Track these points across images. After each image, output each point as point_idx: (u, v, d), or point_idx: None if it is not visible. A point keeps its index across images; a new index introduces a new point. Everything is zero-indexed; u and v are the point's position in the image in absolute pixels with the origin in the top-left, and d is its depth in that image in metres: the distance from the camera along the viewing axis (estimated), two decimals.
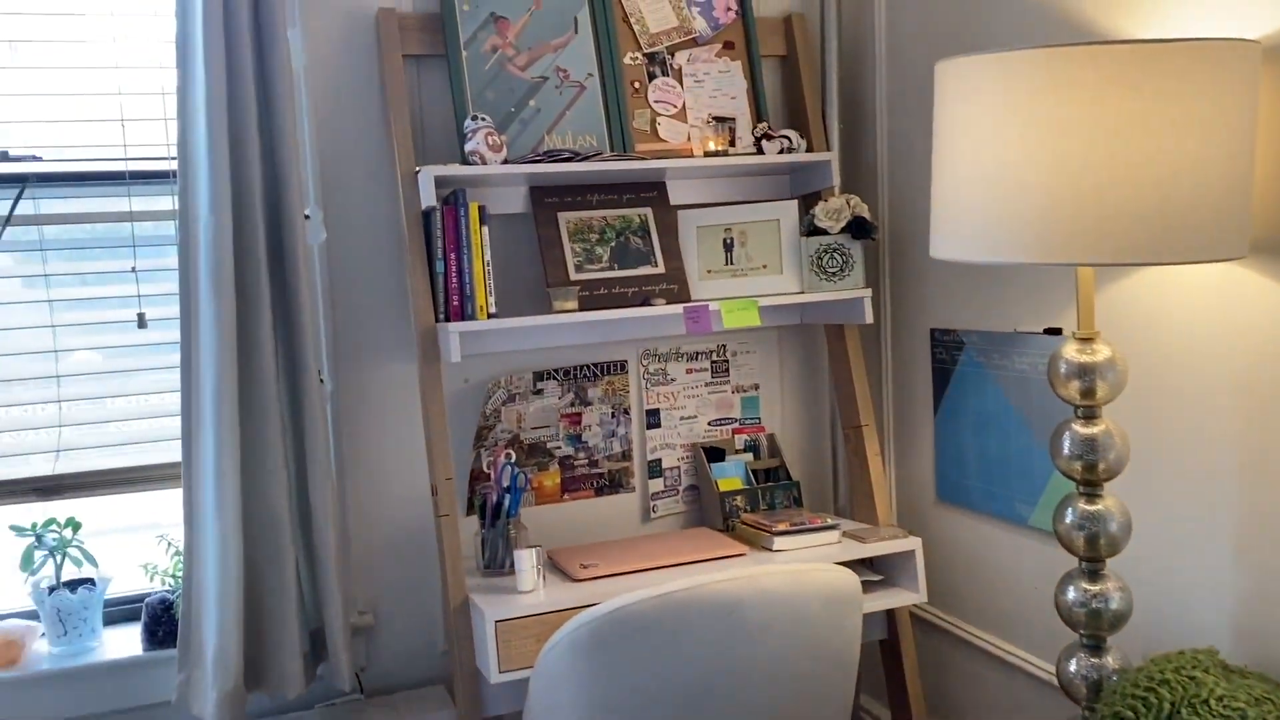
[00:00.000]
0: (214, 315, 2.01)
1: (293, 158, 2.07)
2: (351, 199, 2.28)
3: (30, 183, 2.16)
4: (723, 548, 2.27)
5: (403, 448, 2.35)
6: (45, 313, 2.19)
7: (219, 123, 1.99)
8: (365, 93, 2.27)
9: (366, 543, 2.34)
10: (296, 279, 2.09)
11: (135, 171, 2.20)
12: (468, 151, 2.16)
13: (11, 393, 2.19)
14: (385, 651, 2.37)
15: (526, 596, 2.08)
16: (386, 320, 2.33)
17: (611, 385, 2.48)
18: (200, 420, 2.05)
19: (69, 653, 2.15)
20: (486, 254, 2.15)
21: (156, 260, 2.24)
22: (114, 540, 2.29)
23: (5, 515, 2.19)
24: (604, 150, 2.32)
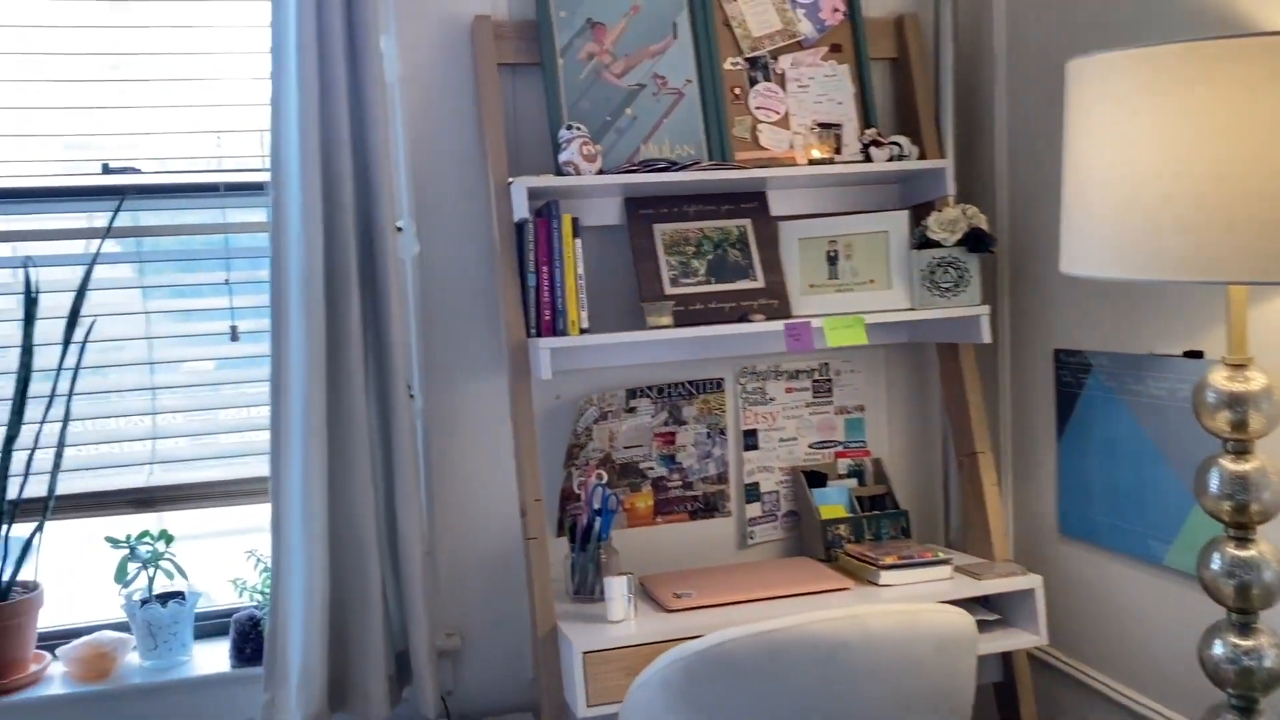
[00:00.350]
0: (304, 329, 1.98)
1: (384, 169, 2.02)
2: (444, 211, 2.23)
3: (129, 195, 2.16)
4: (824, 580, 2.14)
5: (493, 465, 2.28)
6: (142, 324, 2.19)
7: (310, 134, 1.96)
8: (459, 103, 2.22)
9: (455, 562, 2.28)
10: (387, 292, 2.04)
11: (230, 184, 2.19)
12: (562, 162, 2.09)
13: (109, 404, 2.20)
14: (472, 676, 2.30)
15: (617, 627, 1.98)
16: (478, 335, 2.27)
17: (707, 404, 2.37)
18: (289, 435, 2.01)
19: (159, 667, 2.14)
20: (579, 267, 2.07)
21: (251, 273, 2.22)
22: (206, 551, 2.28)
23: (101, 526, 2.20)
24: (702, 159, 2.22)
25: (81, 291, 2.09)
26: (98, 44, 2.14)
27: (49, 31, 2.12)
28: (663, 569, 2.35)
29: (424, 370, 2.24)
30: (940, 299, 2.20)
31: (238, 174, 2.20)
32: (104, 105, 2.16)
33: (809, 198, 2.37)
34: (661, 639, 1.94)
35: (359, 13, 2.01)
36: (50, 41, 2.13)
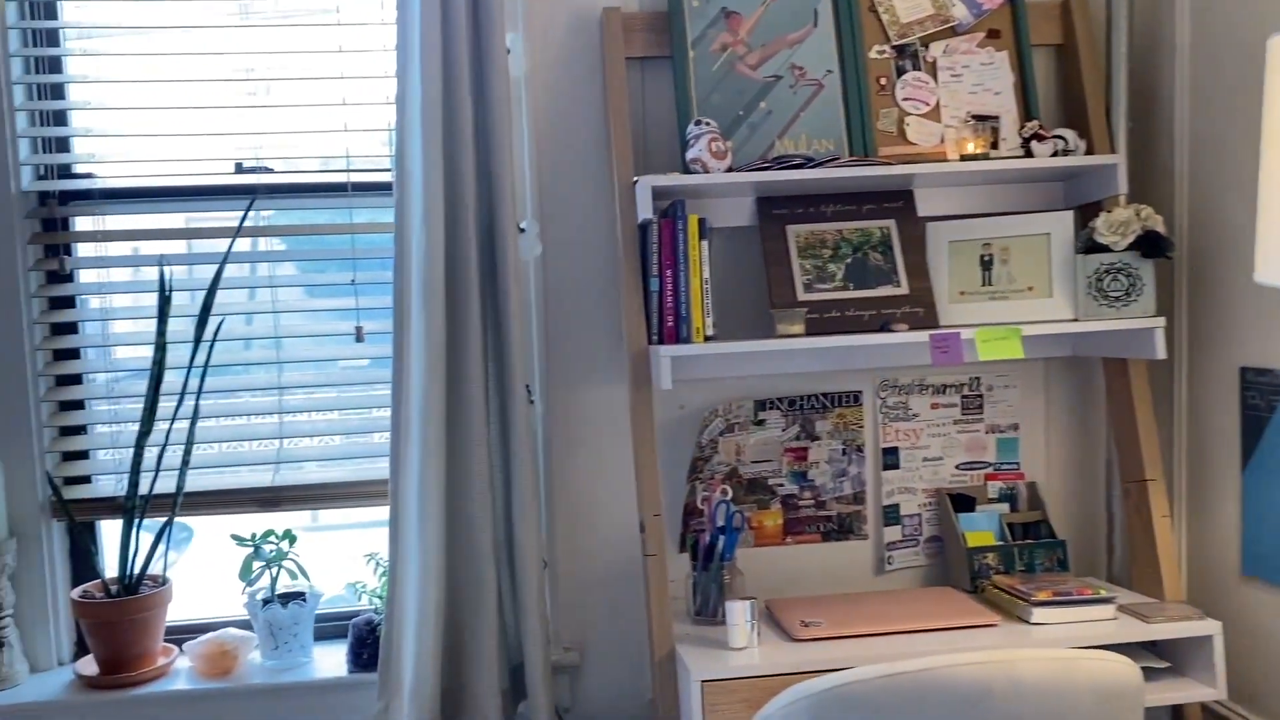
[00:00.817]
0: (424, 331, 1.93)
1: (508, 168, 1.96)
2: (568, 211, 2.15)
3: (260, 194, 2.17)
4: (969, 614, 1.96)
5: (614, 475, 2.19)
6: (270, 323, 2.20)
7: (433, 132, 1.91)
8: (585, 99, 2.14)
9: (574, 575, 2.20)
10: (508, 295, 1.97)
11: (358, 183, 2.17)
12: (689, 159, 1.98)
13: (237, 402, 2.21)
14: (590, 693, 2.22)
15: (739, 655, 1.86)
16: (601, 340, 2.18)
17: (843, 419, 2.21)
18: (408, 438, 1.97)
19: (279, 667, 2.13)
20: (705, 271, 1.96)
21: (377, 274, 2.20)
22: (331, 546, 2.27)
23: (228, 524, 2.21)
24: (842, 155, 2.07)
25: (213, 290, 2.10)
26: (232, 43, 2.15)
27: (185, 33, 2.15)
28: (790, 593, 2.21)
29: (544, 375, 2.16)
30: (1108, 309, 1.98)
31: (366, 174, 2.17)
32: (238, 105, 2.17)
33: (961, 197, 2.19)
34: (786, 671, 1.80)
35: (485, 9, 1.94)
36: (186, 42, 2.15)
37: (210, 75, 2.15)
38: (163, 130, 2.15)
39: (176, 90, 2.16)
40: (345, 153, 2.16)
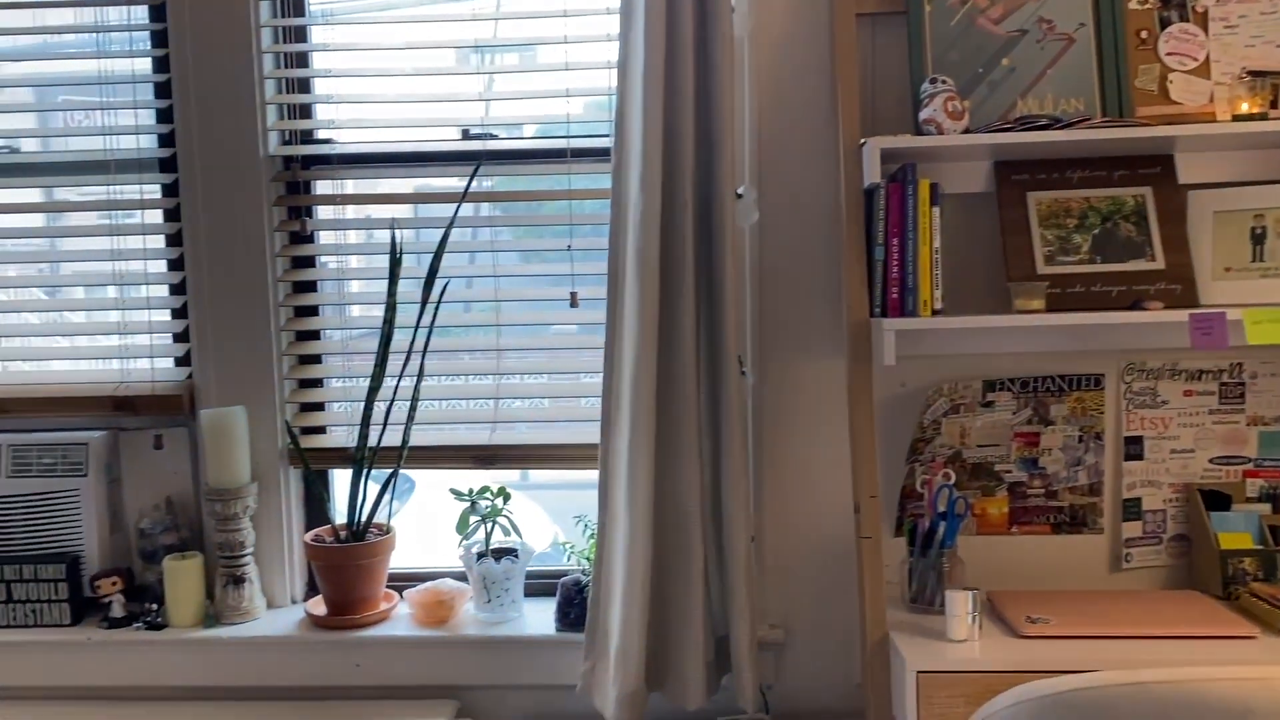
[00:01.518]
0: (637, 298, 1.91)
1: (728, 132, 1.90)
2: (788, 177, 2.08)
3: (485, 160, 2.21)
4: (1222, 623, 1.77)
5: (828, 453, 2.12)
6: (491, 287, 2.24)
7: (654, 96, 1.88)
8: (810, 58, 2.05)
9: (782, 551, 2.15)
10: (723, 263, 1.93)
11: (577, 149, 2.17)
12: (922, 120, 1.86)
13: (459, 362, 2.27)
14: (795, 672, 2.17)
15: (958, 647, 1.76)
16: (818, 312, 2.10)
17: (1081, 403, 2.05)
18: (619, 405, 1.97)
19: (491, 620, 2.20)
20: (936, 240, 1.84)
21: (594, 240, 2.20)
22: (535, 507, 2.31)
23: (447, 479, 2.29)
24: (1093, 116, 1.90)
25: (439, 253, 2.16)
26: (461, 9, 2.19)
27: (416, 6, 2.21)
28: (1014, 585, 2.07)
29: (757, 346, 2.11)
30: None
31: (585, 140, 2.17)
32: (465, 71, 2.21)
33: (1230, 163, 1.96)
34: (1010, 669, 1.69)
35: None
36: (418, 10, 2.21)
37: (441, 41, 2.20)
38: (396, 97, 2.22)
39: (409, 57, 2.22)
40: (566, 118, 2.16)
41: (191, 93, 2.18)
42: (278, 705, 2.16)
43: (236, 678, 2.18)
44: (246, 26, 2.16)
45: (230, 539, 2.19)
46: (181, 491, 2.30)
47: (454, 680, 2.18)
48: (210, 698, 2.20)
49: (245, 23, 2.16)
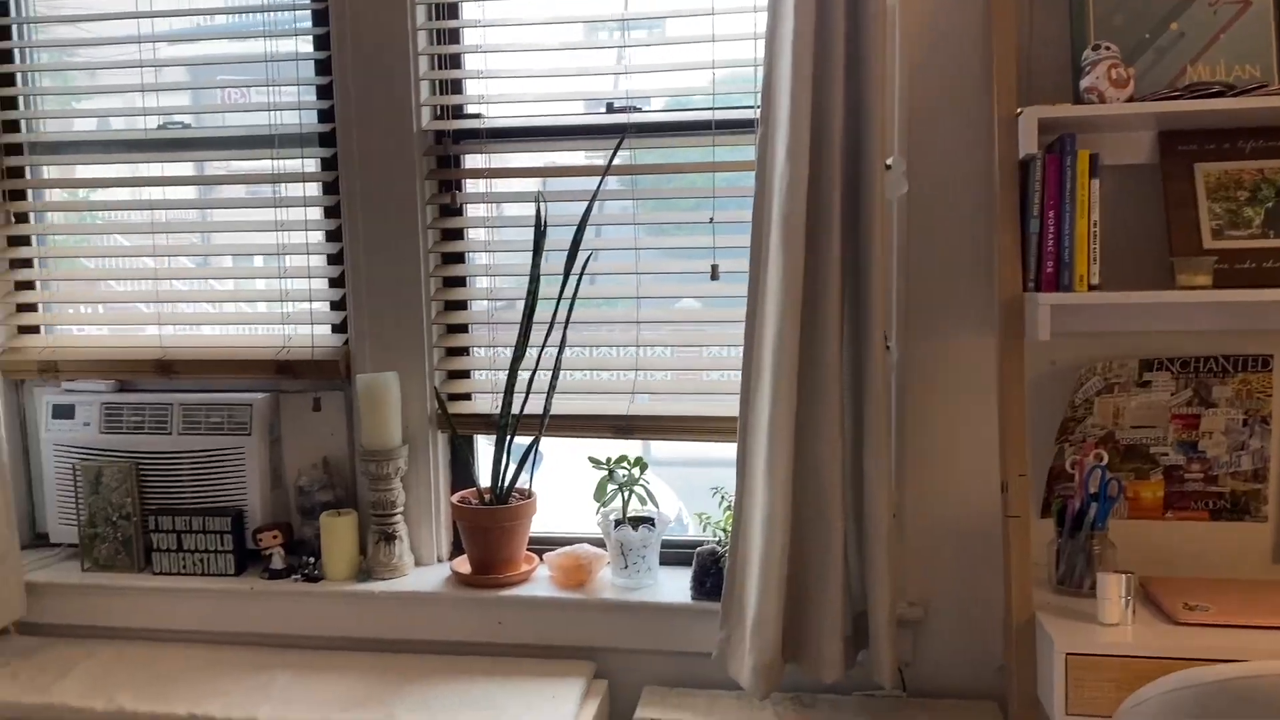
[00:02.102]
0: (781, 269, 1.91)
1: (878, 102, 1.87)
2: (937, 148, 2.04)
3: (629, 133, 2.23)
4: None
5: (971, 431, 2.08)
6: (631, 259, 2.27)
7: (803, 64, 1.86)
8: (964, 28, 2.01)
9: (922, 529, 2.12)
10: (870, 235, 1.91)
11: (721, 121, 2.18)
12: (1083, 89, 1.80)
13: (599, 334, 2.31)
14: (933, 650, 2.15)
15: (1109, 631, 1.71)
16: (965, 286, 2.06)
17: (1247, 385, 1.96)
18: (760, 378, 1.97)
19: (628, 585, 2.24)
20: (1094, 213, 1.78)
21: (735, 212, 2.20)
22: (675, 482, 2.34)
23: (586, 447, 2.34)
24: (1271, 83, 1.80)
25: (582, 225, 2.20)
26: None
27: None
28: (1167, 572, 2.00)
29: (903, 320, 2.08)
30: None
31: (729, 111, 2.17)
32: (613, 45, 2.24)
33: None
34: (1165, 655, 1.64)
35: None
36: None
37: (587, 15, 2.23)
38: (543, 71, 2.27)
39: (556, 32, 2.26)
40: (711, 90, 2.17)
41: (350, 70, 2.27)
42: (425, 658, 2.25)
43: (386, 630, 2.29)
44: (402, 5, 2.23)
45: (382, 498, 2.29)
46: (337, 452, 2.41)
47: (591, 642, 2.23)
48: (361, 648, 2.31)
49: (401, 1, 2.23)
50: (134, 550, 2.39)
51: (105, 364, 2.43)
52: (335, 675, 2.17)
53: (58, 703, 2.08)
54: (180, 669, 2.21)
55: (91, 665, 2.23)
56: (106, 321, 2.52)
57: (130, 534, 2.38)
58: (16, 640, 2.37)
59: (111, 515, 2.38)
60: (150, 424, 2.39)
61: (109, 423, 2.40)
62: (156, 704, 2.06)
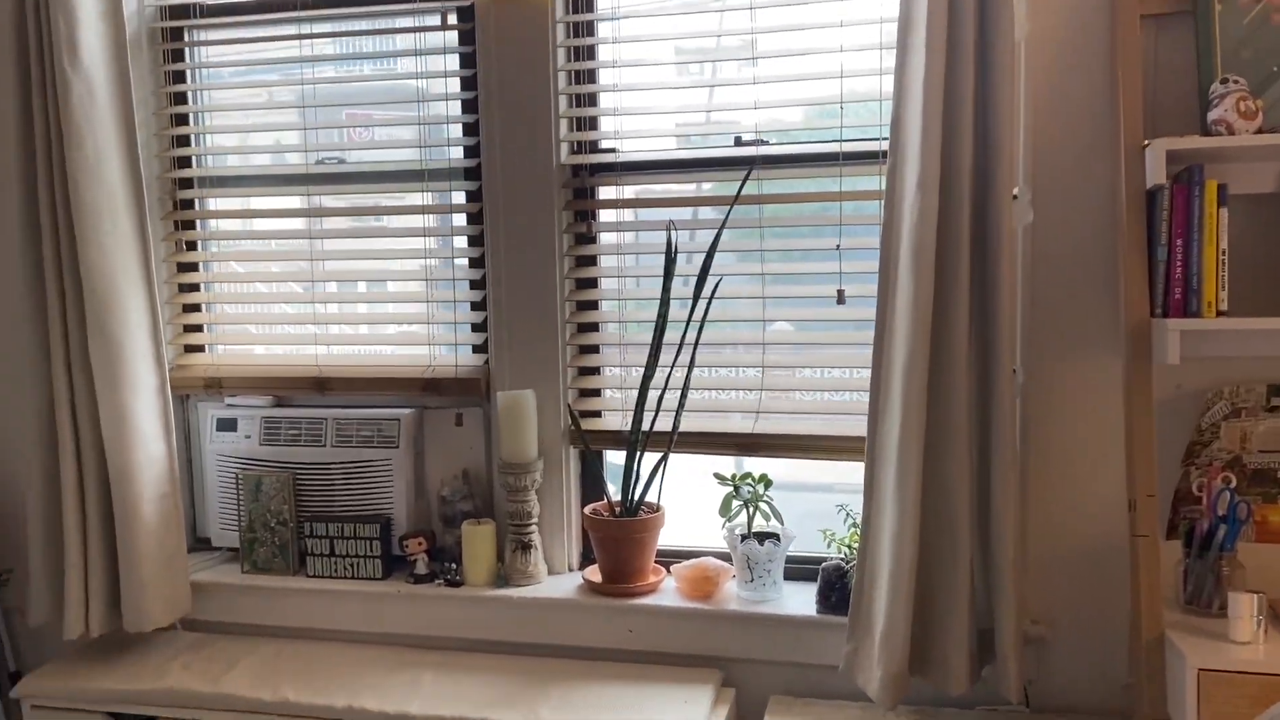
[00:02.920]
0: (910, 296, 1.99)
1: (1007, 133, 1.95)
2: (1063, 177, 2.11)
3: (757, 165, 2.34)
4: None
5: (1097, 453, 2.13)
6: (758, 284, 2.38)
7: (933, 98, 1.95)
8: (1089, 59, 2.07)
9: (1047, 548, 2.17)
10: (998, 262, 1.98)
11: (849, 152, 2.27)
12: (1211, 121, 1.86)
13: (722, 355, 2.42)
14: (1057, 668, 2.19)
15: (1242, 649, 1.75)
16: (1091, 312, 2.12)
17: None
18: (888, 400, 2.06)
19: (754, 598, 2.33)
20: (1222, 241, 1.83)
21: (860, 239, 2.29)
22: (797, 500, 2.42)
23: (711, 464, 2.44)
24: None
25: (711, 252, 2.32)
26: (737, 23, 2.34)
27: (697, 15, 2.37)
28: None
29: (1029, 344, 2.15)
30: None
31: (856, 143, 2.27)
32: (738, 82, 2.36)
33: None
34: None
35: None
36: (693, 23, 2.37)
37: (717, 52, 2.36)
38: (674, 107, 2.40)
39: (687, 69, 2.40)
40: (839, 123, 2.27)
41: (495, 109, 2.43)
42: (559, 662, 2.37)
43: (523, 634, 2.42)
44: (545, 48, 2.39)
45: (519, 509, 2.43)
46: (476, 464, 2.56)
47: (718, 652, 2.33)
48: (499, 651, 2.44)
49: (544, 44, 2.39)
50: (289, 554, 2.57)
51: (265, 380, 2.63)
52: (478, 675, 2.31)
53: (229, 693, 2.26)
54: (334, 665, 2.38)
55: (254, 660, 2.41)
56: (267, 341, 2.72)
57: (286, 539, 2.56)
58: (184, 636, 2.57)
59: (269, 521, 2.57)
60: (306, 437, 2.57)
61: (268, 435, 2.59)
62: (316, 696, 2.22)
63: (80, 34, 2.33)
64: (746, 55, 2.34)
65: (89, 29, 2.35)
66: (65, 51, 2.32)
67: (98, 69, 2.37)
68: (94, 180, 2.37)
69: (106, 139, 2.38)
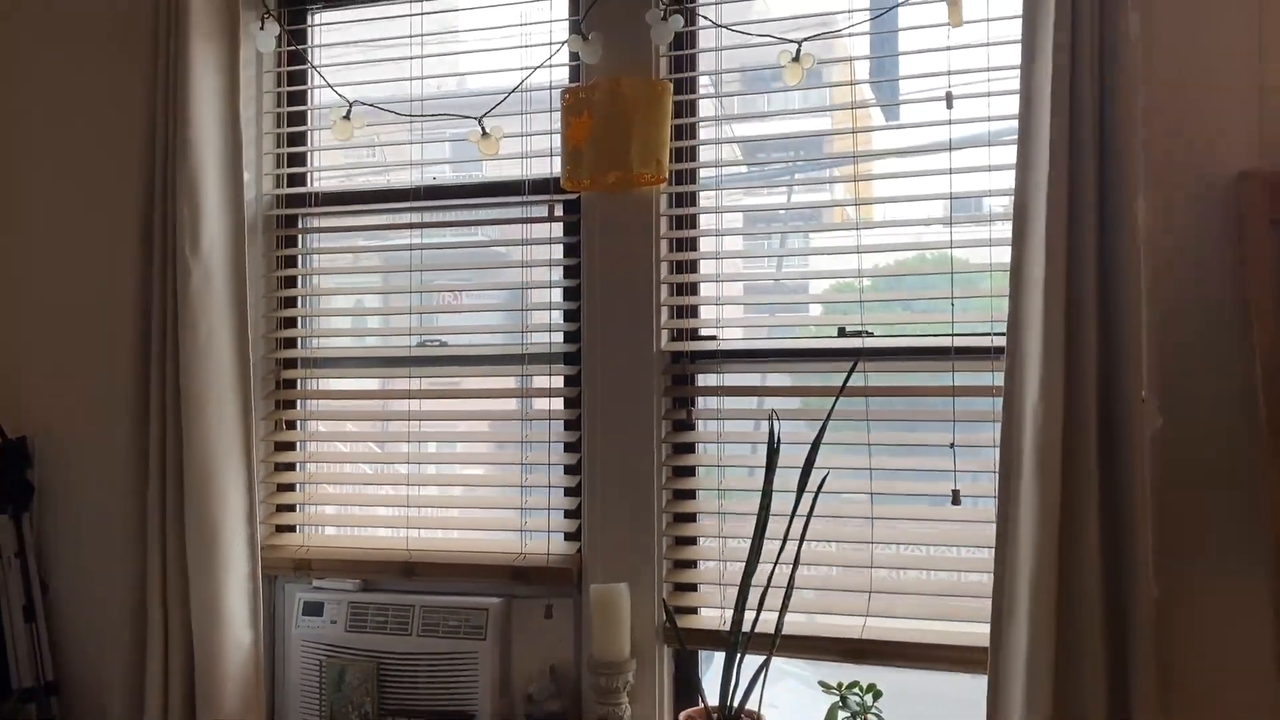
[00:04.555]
0: (1036, 502, 1.90)
1: (1133, 336, 1.89)
2: (1191, 382, 2.01)
3: (863, 356, 2.30)
4: None
5: (1243, 679, 1.96)
6: (865, 479, 2.29)
7: (1055, 299, 1.91)
8: (1215, 262, 2.01)
9: None
10: (1129, 469, 1.89)
11: (960, 347, 2.22)
12: None
13: (828, 552, 2.32)
14: None
15: None
16: (1229, 524, 1.99)
17: None
18: (1012, 611, 1.93)
19: None
20: None
21: (973, 435, 2.21)
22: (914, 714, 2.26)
23: (815, 671, 2.30)
24: None
25: (816, 445, 2.25)
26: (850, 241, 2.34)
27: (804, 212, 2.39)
28: None
29: (1161, 557, 2.01)
30: None
31: (969, 338, 2.22)
32: (842, 274, 2.35)
33: None
34: None
35: (1112, 173, 1.93)
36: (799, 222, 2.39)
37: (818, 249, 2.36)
38: (776, 299, 2.39)
39: (789, 261, 2.40)
40: (950, 319, 2.22)
41: (598, 296, 2.44)
42: None
43: None
44: (649, 238, 2.41)
45: (610, 712, 2.30)
46: (564, 660, 2.45)
47: None
48: None
49: (648, 234, 2.42)
50: None
51: (354, 564, 2.58)
52: None
53: None
54: None
55: None
56: (358, 523, 2.69)
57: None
58: None
59: (351, 714, 2.47)
60: (393, 624, 2.50)
61: (354, 621, 2.52)
62: None
63: (203, 223, 2.42)
64: (852, 246, 2.33)
65: (211, 218, 2.44)
66: (188, 239, 2.40)
67: (216, 255, 2.45)
68: (204, 363, 2.41)
69: (220, 322, 2.44)
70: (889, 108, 2.41)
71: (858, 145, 2.34)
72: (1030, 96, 1.97)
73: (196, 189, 2.41)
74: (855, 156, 2.33)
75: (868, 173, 2.35)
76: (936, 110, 2.21)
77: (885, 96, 2.41)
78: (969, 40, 2.20)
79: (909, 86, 2.29)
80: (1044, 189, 1.93)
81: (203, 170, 2.43)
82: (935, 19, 2.21)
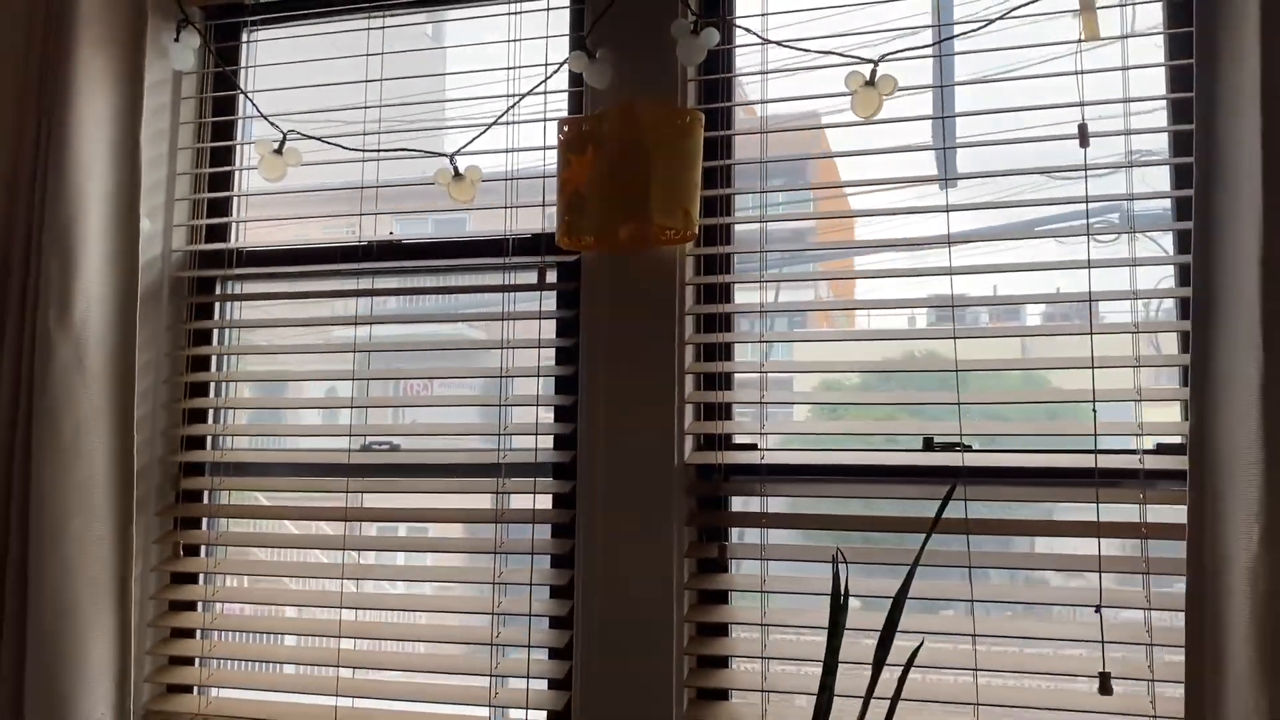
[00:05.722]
0: (1250, 703, 1.27)
1: None
2: None
3: (963, 478, 1.68)
4: None
5: None
6: (968, 651, 1.66)
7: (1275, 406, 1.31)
8: None
9: None
10: None
11: (1105, 468, 1.61)
12: None
13: None
14: None
15: None
16: None
17: None
18: None
19: None
20: None
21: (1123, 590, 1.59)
22: None
23: None
24: None
25: (900, 598, 1.61)
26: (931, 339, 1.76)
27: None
28: None
29: None
30: None
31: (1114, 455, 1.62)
32: (930, 369, 1.75)
33: None
34: None
35: None
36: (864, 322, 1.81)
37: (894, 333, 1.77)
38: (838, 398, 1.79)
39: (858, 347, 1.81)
40: (1092, 431, 1.62)
41: (600, 388, 1.85)
42: None
43: None
44: (670, 314, 1.83)
45: None
46: None
47: None
48: None
49: (669, 310, 1.83)
50: None
51: None
52: None
53: None
54: None
55: None
56: (272, 686, 2.03)
57: None
58: None
59: None
60: None
61: None
62: None
63: (76, 284, 1.82)
64: (947, 332, 1.74)
65: (89, 278, 1.85)
66: (54, 305, 1.80)
67: (93, 327, 1.84)
68: (68, 469, 1.79)
69: (93, 415, 1.83)
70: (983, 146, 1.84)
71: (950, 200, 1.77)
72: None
73: (69, 236, 1.82)
74: (949, 209, 1.75)
75: (962, 237, 1.77)
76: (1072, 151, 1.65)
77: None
78: (1102, 63, 1.65)
79: (1031, 119, 1.72)
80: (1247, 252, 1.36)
81: (82, 213, 1.84)
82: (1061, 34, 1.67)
